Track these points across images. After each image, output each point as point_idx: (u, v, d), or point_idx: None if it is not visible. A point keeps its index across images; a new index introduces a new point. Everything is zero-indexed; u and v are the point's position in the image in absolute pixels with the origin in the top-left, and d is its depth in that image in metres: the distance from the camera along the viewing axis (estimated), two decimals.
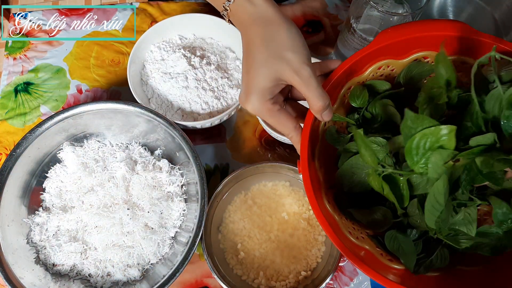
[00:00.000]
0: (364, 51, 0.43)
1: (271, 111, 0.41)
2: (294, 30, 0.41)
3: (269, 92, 0.40)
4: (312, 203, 0.41)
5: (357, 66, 0.45)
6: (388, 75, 0.48)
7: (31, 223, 0.53)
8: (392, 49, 0.44)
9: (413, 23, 0.45)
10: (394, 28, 0.43)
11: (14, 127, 0.65)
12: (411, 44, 0.44)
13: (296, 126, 0.43)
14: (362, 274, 0.57)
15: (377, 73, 0.47)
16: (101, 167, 0.55)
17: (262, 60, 0.39)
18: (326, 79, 0.44)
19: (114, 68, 0.69)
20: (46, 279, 0.50)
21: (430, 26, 0.43)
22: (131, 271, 0.52)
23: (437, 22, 0.44)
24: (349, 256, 0.39)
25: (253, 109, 0.41)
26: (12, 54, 0.69)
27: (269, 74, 0.39)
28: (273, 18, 0.40)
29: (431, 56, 0.45)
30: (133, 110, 0.54)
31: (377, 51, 0.44)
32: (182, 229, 0.54)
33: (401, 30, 0.43)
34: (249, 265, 0.54)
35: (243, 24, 0.42)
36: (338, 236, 0.40)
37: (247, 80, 0.41)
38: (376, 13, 0.52)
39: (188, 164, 0.54)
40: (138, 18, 0.73)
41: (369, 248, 0.44)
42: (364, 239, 0.45)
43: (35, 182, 0.55)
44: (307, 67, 0.39)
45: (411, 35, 0.43)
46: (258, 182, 0.59)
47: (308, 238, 0.55)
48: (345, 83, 0.46)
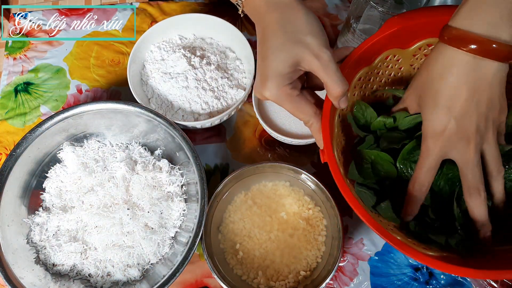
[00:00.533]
0: (374, 37, 0.43)
1: (290, 96, 0.40)
2: (312, 15, 0.40)
3: (288, 77, 0.39)
4: (343, 190, 0.40)
5: (367, 54, 0.45)
6: (394, 65, 0.49)
7: (31, 223, 0.53)
8: (399, 38, 0.45)
9: (418, 10, 0.45)
10: (401, 15, 0.44)
11: (14, 127, 0.65)
12: (416, 31, 0.45)
13: (316, 111, 0.42)
14: (362, 274, 0.57)
15: (384, 63, 0.47)
16: (101, 167, 0.55)
17: (280, 44, 0.38)
18: (341, 65, 0.44)
19: (114, 68, 0.69)
20: (46, 279, 0.50)
21: (435, 12, 0.43)
22: (131, 271, 0.52)
23: (441, 8, 0.44)
24: (387, 237, 0.39)
25: (271, 95, 0.40)
26: (12, 54, 0.69)
27: (288, 59, 0.38)
28: (289, 3, 0.40)
29: (434, 43, 0.45)
30: (133, 110, 0.54)
31: (385, 38, 0.44)
32: (182, 229, 0.54)
33: (407, 16, 0.44)
34: (249, 265, 0.54)
35: (258, 11, 0.41)
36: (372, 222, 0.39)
37: (264, 66, 0.40)
38: (376, 13, 0.52)
39: (188, 164, 0.54)
40: (138, 18, 0.73)
41: (401, 238, 0.42)
42: (393, 231, 0.44)
43: (35, 182, 0.55)
44: (327, 50, 0.38)
45: (417, 20, 0.43)
46: (258, 182, 0.59)
47: (308, 238, 0.55)
48: (357, 72, 0.46)
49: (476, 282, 0.56)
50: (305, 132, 0.60)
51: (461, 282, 0.56)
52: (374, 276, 0.57)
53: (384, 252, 0.58)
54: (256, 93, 0.42)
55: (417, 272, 0.57)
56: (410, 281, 0.57)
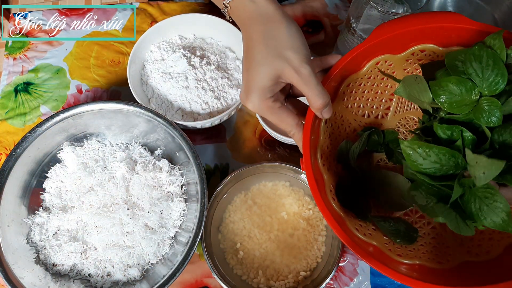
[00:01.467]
0: (361, 46, 0.43)
1: (272, 108, 0.41)
2: (294, 28, 0.40)
3: (270, 90, 0.41)
4: (317, 200, 0.41)
5: (355, 62, 0.45)
6: (387, 70, 0.48)
7: (31, 223, 0.53)
8: (389, 44, 0.44)
9: (409, 16, 0.44)
10: (390, 23, 0.43)
11: (14, 127, 0.65)
12: (408, 37, 0.44)
13: (298, 123, 0.43)
14: (362, 274, 0.57)
15: (375, 68, 0.47)
16: (101, 167, 0.55)
17: (262, 58, 0.39)
18: (325, 75, 0.44)
19: (114, 68, 0.69)
20: (46, 279, 0.50)
21: (426, 19, 0.43)
22: (131, 271, 0.52)
23: (433, 14, 0.44)
24: (357, 251, 0.39)
25: (254, 107, 0.41)
26: (12, 54, 0.69)
27: (269, 73, 0.39)
28: (273, 15, 0.40)
29: (427, 49, 0.45)
30: (133, 110, 0.54)
31: (374, 46, 0.43)
32: (182, 229, 0.54)
33: (397, 24, 0.43)
34: (249, 265, 0.54)
35: (243, 21, 0.42)
36: (345, 232, 0.40)
37: (247, 78, 0.41)
38: (376, 13, 0.52)
39: (188, 164, 0.54)
40: (138, 18, 0.73)
41: (377, 244, 0.43)
42: (371, 235, 0.44)
43: (35, 182, 0.55)
44: (307, 65, 0.39)
45: (407, 29, 0.42)
46: (258, 182, 0.59)
47: (308, 238, 0.55)
48: (344, 79, 0.46)
49: None
50: None
51: None
52: (374, 276, 0.57)
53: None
54: (241, 102, 0.43)
55: None
56: None
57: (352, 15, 0.57)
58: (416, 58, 0.47)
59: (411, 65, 0.48)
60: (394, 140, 0.50)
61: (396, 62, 0.47)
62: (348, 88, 0.47)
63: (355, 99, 0.50)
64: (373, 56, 0.46)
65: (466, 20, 0.42)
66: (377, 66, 0.46)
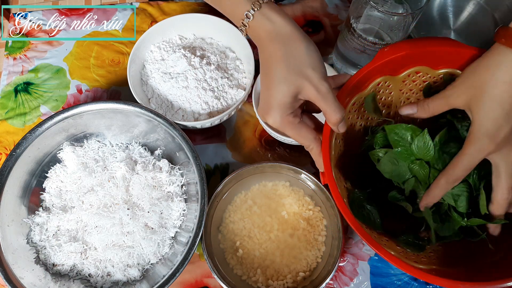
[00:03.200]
0: (367, 67, 0.47)
1: (292, 124, 0.44)
2: (312, 47, 0.42)
3: (290, 107, 0.43)
4: (345, 213, 0.43)
5: (361, 82, 0.48)
6: (385, 91, 0.52)
7: (31, 223, 0.53)
8: (389, 66, 0.49)
9: (407, 41, 0.50)
10: (391, 47, 0.48)
11: (14, 127, 0.65)
12: (406, 60, 0.49)
13: (315, 137, 0.45)
14: (362, 274, 0.57)
15: (376, 89, 0.51)
16: (101, 167, 0.55)
17: (282, 76, 0.41)
18: (339, 92, 0.47)
19: (114, 68, 0.69)
20: (46, 279, 0.50)
21: (423, 43, 0.48)
22: (131, 271, 0.52)
23: (428, 39, 0.50)
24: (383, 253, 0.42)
25: (275, 123, 0.43)
26: (12, 54, 0.69)
27: (290, 90, 0.41)
28: (291, 35, 0.42)
29: (422, 70, 0.50)
30: (133, 110, 0.54)
31: (377, 68, 0.48)
32: (182, 229, 0.54)
33: (397, 48, 0.48)
34: (249, 265, 0.54)
35: (262, 40, 0.43)
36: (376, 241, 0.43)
37: (268, 96, 0.43)
38: (376, 13, 0.52)
39: (188, 164, 0.54)
40: (138, 18, 0.73)
41: (394, 253, 0.46)
42: (387, 245, 0.47)
43: (35, 182, 0.55)
44: (325, 82, 0.41)
45: (405, 52, 0.47)
46: (258, 182, 0.59)
47: (308, 238, 0.55)
48: (352, 98, 0.49)
49: None
50: None
51: None
52: (374, 276, 0.57)
53: None
54: (261, 118, 0.46)
55: None
56: (410, 281, 0.57)
57: (352, 15, 0.57)
58: (411, 79, 0.51)
59: (406, 86, 0.52)
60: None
61: (394, 83, 0.51)
62: (353, 107, 0.50)
63: (357, 118, 0.53)
64: (375, 77, 0.49)
65: (456, 43, 0.48)
66: (378, 86, 0.50)
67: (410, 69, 0.50)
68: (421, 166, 0.46)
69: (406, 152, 0.47)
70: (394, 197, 0.49)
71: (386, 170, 0.48)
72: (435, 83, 0.52)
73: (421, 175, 0.46)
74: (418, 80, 0.52)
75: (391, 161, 0.47)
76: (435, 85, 0.52)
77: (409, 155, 0.47)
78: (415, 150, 0.46)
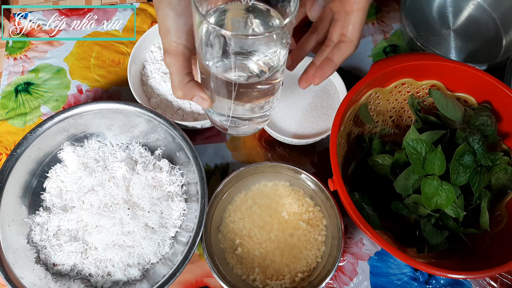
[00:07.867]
0: (364, 81, 0.51)
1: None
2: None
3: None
4: (359, 219, 0.45)
5: (356, 94, 0.52)
6: (375, 101, 0.57)
7: (32, 223, 0.53)
8: (380, 79, 0.54)
9: (396, 56, 0.57)
10: (382, 61, 0.53)
11: (14, 127, 0.65)
12: (394, 73, 0.54)
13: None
14: (362, 274, 0.57)
15: (368, 99, 0.55)
16: (101, 167, 0.55)
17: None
18: (341, 104, 0.50)
19: (114, 68, 0.69)
20: (47, 279, 0.50)
21: (407, 58, 0.53)
22: (132, 271, 0.52)
23: (413, 55, 0.54)
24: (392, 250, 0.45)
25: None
26: (13, 54, 0.70)
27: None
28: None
29: (407, 82, 0.55)
30: (133, 110, 0.55)
31: (370, 82, 0.52)
32: (182, 228, 0.54)
33: (387, 62, 0.53)
34: (249, 264, 0.54)
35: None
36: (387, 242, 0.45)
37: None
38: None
39: (188, 164, 0.54)
40: (139, 18, 0.73)
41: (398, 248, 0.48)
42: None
43: (35, 182, 0.55)
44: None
45: (394, 66, 0.52)
46: (258, 182, 0.59)
47: (308, 238, 0.55)
48: (349, 109, 0.53)
49: (476, 282, 0.56)
50: (305, 132, 0.60)
51: (461, 282, 0.56)
52: (373, 276, 0.57)
53: (384, 252, 0.58)
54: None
55: (416, 272, 0.57)
56: (410, 280, 0.57)
57: None
58: (397, 90, 0.57)
59: (392, 96, 0.58)
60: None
61: (383, 94, 0.56)
62: (349, 117, 0.54)
63: (353, 126, 0.57)
64: (368, 89, 0.54)
65: (437, 57, 0.53)
66: (370, 97, 0.55)
67: (397, 81, 0.55)
68: (432, 180, 0.48)
69: (420, 165, 0.49)
70: (397, 207, 0.52)
71: (398, 185, 0.50)
72: (418, 93, 0.58)
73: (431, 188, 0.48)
74: (403, 91, 0.57)
75: (405, 177, 0.49)
76: (418, 96, 0.58)
77: (421, 169, 0.49)
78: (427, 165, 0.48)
